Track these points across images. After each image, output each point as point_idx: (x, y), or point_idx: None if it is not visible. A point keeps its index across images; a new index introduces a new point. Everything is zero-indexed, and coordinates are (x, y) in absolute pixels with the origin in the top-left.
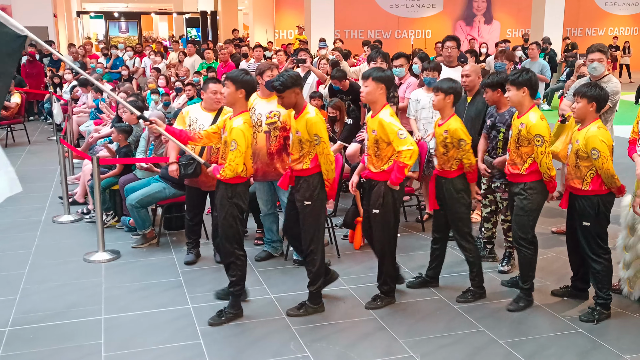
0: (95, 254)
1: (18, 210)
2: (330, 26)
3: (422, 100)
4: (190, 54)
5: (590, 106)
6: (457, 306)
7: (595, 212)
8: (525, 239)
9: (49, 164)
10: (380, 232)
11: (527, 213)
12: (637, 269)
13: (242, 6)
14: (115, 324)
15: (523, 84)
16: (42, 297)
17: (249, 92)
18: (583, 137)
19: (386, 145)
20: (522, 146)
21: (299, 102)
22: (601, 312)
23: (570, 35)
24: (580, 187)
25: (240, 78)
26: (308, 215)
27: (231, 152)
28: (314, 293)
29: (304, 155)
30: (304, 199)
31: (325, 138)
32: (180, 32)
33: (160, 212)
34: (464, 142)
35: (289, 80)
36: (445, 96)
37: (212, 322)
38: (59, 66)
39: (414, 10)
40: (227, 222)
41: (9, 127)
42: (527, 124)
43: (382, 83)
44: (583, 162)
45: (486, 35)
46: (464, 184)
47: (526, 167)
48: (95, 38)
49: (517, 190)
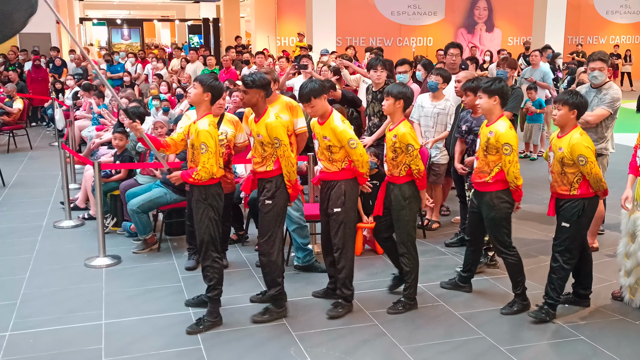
0: (96, 259)
1: (19, 215)
2: (332, 33)
3: (425, 107)
4: (192, 61)
5: (571, 113)
6: (457, 312)
7: (579, 215)
8: (506, 247)
9: (51, 170)
10: (342, 230)
11: (498, 224)
12: (638, 276)
13: (244, 13)
14: (115, 329)
15: (495, 92)
16: (43, 302)
17: (215, 97)
18: (567, 144)
19: (338, 149)
20: (489, 154)
21: (260, 105)
22: (548, 312)
23: (572, 43)
24: (568, 192)
25: (208, 82)
26: (267, 214)
27: (203, 155)
28: (276, 295)
29: (266, 158)
30: (265, 198)
31: (285, 141)
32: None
33: (161, 217)
34: (411, 148)
35: (260, 81)
36: (396, 101)
37: (190, 330)
38: (61, 72)
39: (415, 17)
40: (203, 224)
41: (11, 133)
42: (496, 133)
43: (324, 94)
44: (569, 169)
45: (487, 43)
46: (412, 191)
47: (493, 175)
48: (97, 44)
49: (484, 200)
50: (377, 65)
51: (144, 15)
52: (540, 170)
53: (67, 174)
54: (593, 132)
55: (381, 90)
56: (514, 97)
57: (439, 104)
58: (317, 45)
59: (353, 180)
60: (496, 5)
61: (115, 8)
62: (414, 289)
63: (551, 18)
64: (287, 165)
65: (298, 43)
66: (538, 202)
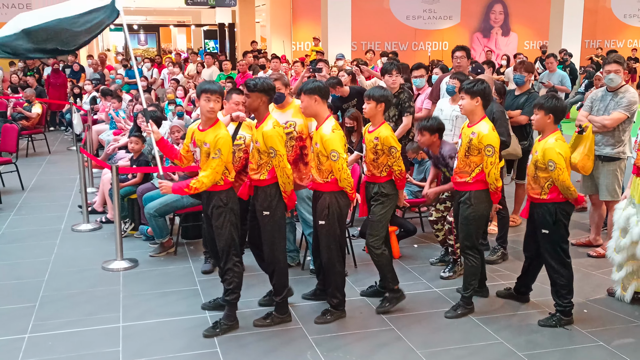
0: (113, 262)
1: (38, 218)
2: (347, 38)
3: (445, 111)
4: (208, 65)
5: (547, 118)
6: (474, 317)
7: (553, 220)
8: (471, 248)
9: (69, 174)
10: (326, 243)
11: (471, 222)
12: (629, 270)
13: (259, 18)
14: (133, 331)
15: (477, 93)
16: (61, 304)
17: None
18: (541, 148)
19: (325, 159)
20: (471, 155)
21: (262, 111)
22: (560, 319)
23: (589, 47)
24: (539, 196)
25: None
26: (267, 225)
27: (213, 159)
28: (280, 303)
29: (261, 166)
30: (262, 209)
31: (281, 152)
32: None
33: (177, 221)
34: (394, 150)
35: (263, 86)
36: (377, 104)
37: (207, 333)
38: (80, 77)
39: (430, 22)
40: (226, 229)
41: (30, 137)
42: (479, 134)
43: (314, 94)
44: (541, 173)
45: (503, 47)
46: (391, 189)
47: (473, 175)
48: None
49: (463, 199)
50: (392, 70)
51: (160, 20)
52: None
53: (85, 178)
54: (610, 136)
55: (396, 95)
56: (530, 100)
57: (457, 107)
58: (333, 50)
59: (340, 193)
60: (512, 9)
61: (132, 14)
62: (387, 280)
63: (568, 22)
64: (282, 175)
65: (314, 47)
66: None
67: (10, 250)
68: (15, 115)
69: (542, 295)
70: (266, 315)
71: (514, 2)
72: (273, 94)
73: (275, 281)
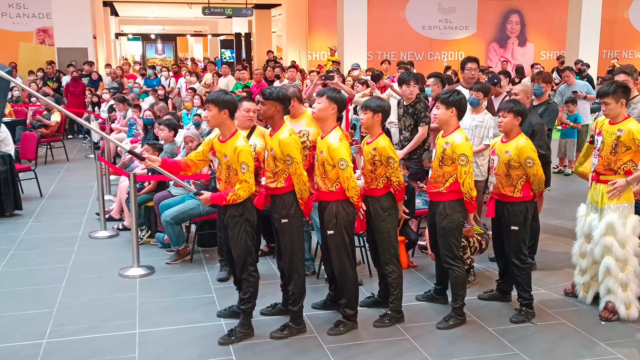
0: (130, 269)
1: (56, 225)
2: (362, 48)
3: (463, 121)
4: (224, 75)
5: (516, 120)
6: (491, 328)
7: (524, 218)
8: (453, 258)
9: (86, 181)
10: (337, 252)
11: (449, 232)
12: (592, 274)
13: (275, 28)
14: (149, 338)
15: (452, 104)
16: (78, 310)
17: (232, 111)
18: (514, 148)
19: (331, 167)
20: (445, 165)
21: (277, 119)
22: (527, 312)
23: (606, 57)
24: (511, 194)
25: (221, 99)
26: (286, 233)
27: (243, 174)
28: (297, 312)
29: (277, 174)
30: (280, 217)
31: (297, 159)
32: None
33: (193, 228)
34: (392, 160)
35: (278, 94)
36: (374, 115)
37: (222, 341)
38: (98, 86)
39: (446, 32)
40: (241, 239)
41: (48, 145)
42: (452, 144)
43: (334, 103)
44: (515, 171)
45: (520, 57)
46: (390, 202)
47: (447, 185)
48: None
49: (438, 210)
50: (410, 80)
51: (177, 30)
52: (575, 186)
53: (102, 186)
54: None
55: (412, 105)
56: (549, 111)
57: (477, 117)
58: (348, 60)
59: (346, 202)
60: (529, 20)
61: (150, 23)
62: (399, 301)
63: (585, 32)
64: (299, 183)
65: (330, 57)
66: (571, 217)
67: (29, 257)
68: (35, 123)
69: (558, 306)
70: (283, 326)
71: (531, 12)
72: (288, 103)
73: (292, 290)
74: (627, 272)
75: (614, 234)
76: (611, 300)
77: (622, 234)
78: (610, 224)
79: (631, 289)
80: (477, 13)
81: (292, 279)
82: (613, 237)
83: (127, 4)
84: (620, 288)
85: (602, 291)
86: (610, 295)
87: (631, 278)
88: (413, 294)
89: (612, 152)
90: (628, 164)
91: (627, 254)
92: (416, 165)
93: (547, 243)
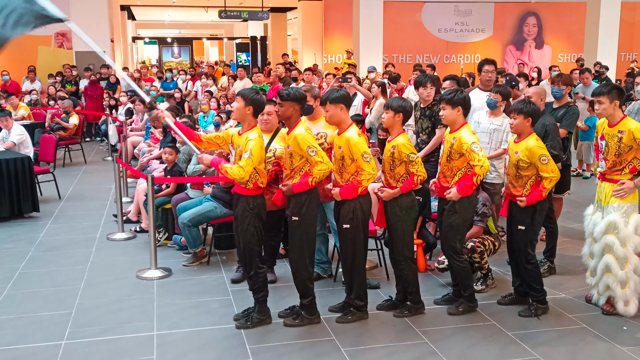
0: (147, 271)
1: (74, 227)
2: (378, 51)
3: (482, 124)
4: (241, 78)
5: (526, 121)
6: (510, 332)
7: (532, 218)
8: (456, 253)
9: (104, 183)
10: (352, 248)
11: (455, 229)
12: (606, 282)
13: (291, 31)
14: (166, 340)
15: (458, 103)
16: (97, 312)
17: (257, 110)
18: (524, 149)
19: (351, 162)
20: (453, 159)
21: (294, 119)
22: (538, 307)
23: (625, 60)
24: (520, 195)
25: (250, 96)
26: (295, 229)
27: (244, 158)
28: (308, 304)
29: (294, 170)
30: (292, 214)
31: (318, 147)
32: (230, 57)
33: (210, 231)
34: (413, 155)
35: (295, 95)
36: (395, 114)
37: (239, 325)
38: (115, 89)
39: (463, 35)
40: (249, 232)
41: (67, 148)
42: (460, 139)
43: (340, 103)
44: (524, 172)
45: (537, 60)
46: (409, 201)
47: (456, 179)
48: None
49: (447, 206)
50: (427, 83)
51: (193, 34)
52: (594, 189)
53: (120, 188)
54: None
55: (429, 107)
56: (569, 114)
57: (495, 120)
58: (364, 63)
59: (363, 197)
60: (546, 22)
61: (166, 27)
62: (417, 296)
63: (604, 34)
64: (322, 169)
65: (346, 60)
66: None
67: (48, 258)
68: (53, 125)
69: (579, 310)
70: (295, 315)
71: (548, 14)
72: (304, 102)
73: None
74: (627, 270)
75: (615, 232)
76: (612, 296)
77: (624, 232)
78: (612, 222)
79: (630, 287)
80: (493, 16)
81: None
82: (615, 235)
83: (144, 8)
84: (619, 286)
85: (601, 288)
86: (609, 291)
87: (630, 276)
88: (431, 298)
89: (617, 154)
90: (633, 162)
91: (628, 252)
92: (433, 167)
93: (567, 247)
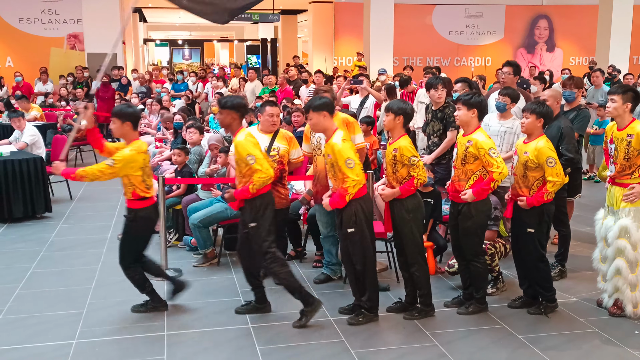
0: None
1: (85, 227)
2: (389, 53)
3: (492, 127)
4: (251, 80)
5: (538, 122)
6: (521, 336)
7: (539, 219)
8: (476, 256)
9: (115, 184)
10: (360, 249)
11: (473, 233)
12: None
13: (301, 34)
14: (177, 340)
15: (474, 105)
16: (107, 312)
17: (135, 123)
18: (533, 149)
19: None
20: (467, 163)
21: (234, 126)
22: (547, 305)
23: (637, 63)
24: (527, 195)
25: (123, 112)
26: (256, 237)
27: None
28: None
29: (244, 176)
30: (249, 221)
31: (258, 155)
32: (241, 59)
33: (221, 232)
34: (414, 158)
35: (230, 103)
36: (395, 117)
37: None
38: (127, 91)
39: (473, 37)
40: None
41: (78, 148)
42: (476, 141)
43: (323, 110)
44: (532, 172)
45: (548, 63)
46: (415, 203)
47: (471, 183)
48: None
49: (462, 210)
50: (438, 85)
51: (204, 36)
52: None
53: None
54: None
55: (441, 109)
56: (580, 117)
57: (506, 123)
58: (374, 65)
59: (362, 198)
60: (557, 25)
61: (177, 29)
62: (428, 298)
63: (616, 38)
64: (260, 178)
65: (357, 62)
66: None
67: (59, 258)
68: (65, 126)
69: (590, 314)
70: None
71: (559, 17)
72: (243, 110)
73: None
74: (637, 274)
75: (627, 236)
76: (620, 298)
77: (636, 236)
78: (624, 227)
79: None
80: (504, 19)
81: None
82: (626, 239)
83: (156, 10)
84: (628, 288)
85: (610, 289)
86: (618, 293)
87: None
88: (441, 300)
89: (626, 157)
90: None
91: (639, 256)
92: (443, 170)
93: (578, 250)
